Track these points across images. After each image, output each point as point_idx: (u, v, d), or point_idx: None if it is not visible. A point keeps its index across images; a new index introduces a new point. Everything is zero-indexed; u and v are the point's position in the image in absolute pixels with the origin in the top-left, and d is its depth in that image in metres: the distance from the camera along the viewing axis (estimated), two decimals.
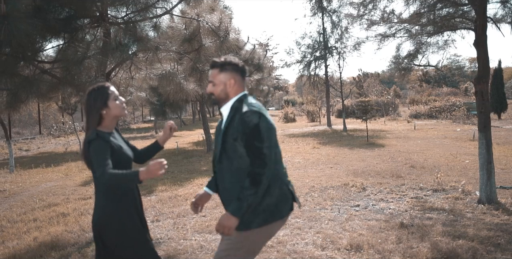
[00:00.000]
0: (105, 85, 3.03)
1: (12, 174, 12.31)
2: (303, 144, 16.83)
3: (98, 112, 2.94)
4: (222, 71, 2.85)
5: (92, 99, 2.97)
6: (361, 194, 7.55)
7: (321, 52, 27.15)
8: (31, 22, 5.86)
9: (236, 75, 2.87)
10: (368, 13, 7.31)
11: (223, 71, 2.85)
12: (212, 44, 7.78)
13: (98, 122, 2.96)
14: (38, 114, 26.94)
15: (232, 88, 2.85)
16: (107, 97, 2.97)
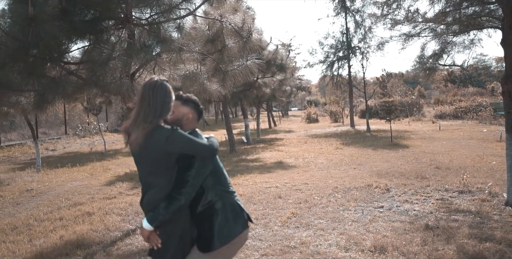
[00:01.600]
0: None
1: (39, 173, 12.53)
2: (326, 145, 16.74)
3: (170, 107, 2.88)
4: (183, 104, 3.00)
5: (169, 93, 2.90)
6: (385, 195, 7.47)
7: (344, 52, 27.00)
8: (58, 24, 5.97)
9: (194, 113, 3.03)
10: (392, 13, 7.23)
11: (184, 104, 3.00)
12: (235, 45, 7.79)
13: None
14: (64, 114, 27.38)
15: (187, 122, 2.98)
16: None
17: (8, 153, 18.65)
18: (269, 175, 10.04)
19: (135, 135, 2.71)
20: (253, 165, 12.36)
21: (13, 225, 6.59)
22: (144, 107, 2.77)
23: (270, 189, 8.25)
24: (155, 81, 2.84)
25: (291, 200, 7.27)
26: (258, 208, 6.85)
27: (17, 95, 7.20)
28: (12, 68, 6.21)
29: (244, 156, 14.81)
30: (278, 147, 16.99)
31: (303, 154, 14.18)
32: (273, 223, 5.97)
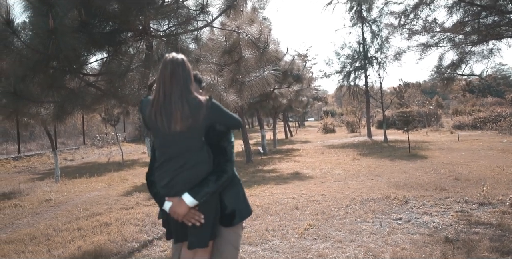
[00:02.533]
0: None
1: (58, 183, 12.65)
2: (343, 155, 16.65)
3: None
4: None
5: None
6: (404, 207, 7.37)
7: (361, 62, 26.94)
8: (77, 36, 6.06)
9: None
10: (410, 23, 7.20)
11: None
12: (252, 56, 7.83)
13: None
14: (82, 125, 27.70)
15: None
16: None
17: (27, 163, 18.89)
18: (285, 186, 10.00)
19: (180, 111, 2.68)
20: (269, 176, 12.33)
21: (32, 235, 6.65)
22: (178, 83, 2.75)
23: (287, 200, 8.21)
24: (180, 58, 2.83)
25: (308, 212, 7.21)
26: (275, 219, 6.82)
27: (37, 106, 7.30)
28: (33, 80, 6.31)
29: (261, 166, 14.79)
30: (295, 158, 16.93)
31: (320, 165, 14.11)
32: (290, 235, 5.93)
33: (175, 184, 2.75)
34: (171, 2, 6.80)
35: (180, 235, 2.89)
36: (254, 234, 5.98)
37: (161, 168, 2.79)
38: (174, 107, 2.68)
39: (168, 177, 2.75)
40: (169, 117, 2.69)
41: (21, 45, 5.96)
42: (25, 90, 6.50)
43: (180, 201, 2.71)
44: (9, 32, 5.81)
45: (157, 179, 2.82)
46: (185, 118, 2.67)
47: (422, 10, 6.87)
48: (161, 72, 2.77)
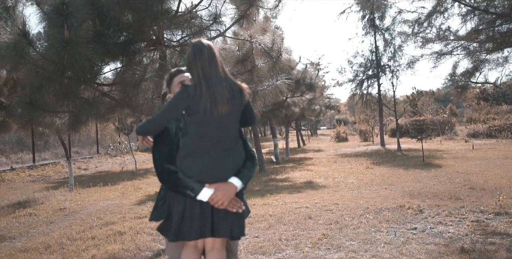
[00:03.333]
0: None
1: (72, 192, 12.74)
2: (356, 164, 16.56)
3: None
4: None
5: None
6: (418, 216, 7.29)
7: (374, 70, 26.87)
8: (92, 47, 6.13)
9: None
10: (423, 31, 7.18)
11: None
12: (265, 65, 7.85)
13: None
14: (96, 134, 27.92)
15: None
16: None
17: (42, 172, 19.05)
18: (298, 195, 9.96)
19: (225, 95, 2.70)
20: (282, 185, 12.30)
21: (47, 244, 6.68)
22: (217, 66, 2.76)
23: (300, 210, 8.17)
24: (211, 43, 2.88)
25: (322, 221, 7.17)
26: (288, 228, 6.79)
27: (52, 116, 7.37)
28: (48, 90, 6.39)
29: (274, 175, 14.76)
30: (308, 167, 16.89)
31: (333, 173, 14.05)
32: (304, 244, 5.90)
33: (220, 169, 2.73)
34: (185, 12, 6.87)
35: (206, 229, 2.76)
36: (267, 244, 5.95)
37: (200, 155, 2.73)
38: (218, 91, 2.68)
39: (212, 162, 2.71)
40: (213, 101, 2.67)
41: (37, 55, 6.04)
42: (41, 100, 6.58)
43: (229, 185, 2.69)
44: (25, 43, 5.90)
45: (191, 166, 2.73)
46: (230, 101, 2.70)
47: (436, 18, 6.85)
48: (197, 58, 2.76)
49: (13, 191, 13.51)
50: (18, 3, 9.13)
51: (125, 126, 19.87)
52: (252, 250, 5.77)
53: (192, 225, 2.72)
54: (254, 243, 6.03)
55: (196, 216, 2.73)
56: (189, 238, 2.77)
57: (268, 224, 7.02)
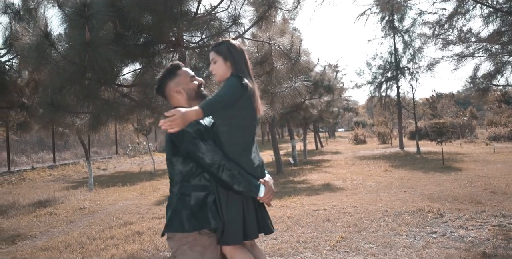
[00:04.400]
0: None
1: (91, 192, 12.87)
2: (374, 167, 16.43)
3: None
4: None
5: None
6: (438, 220, 7.20)
7: (393, 72, 26.63)
8: (112, 48, 6.19)
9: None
10: (444, 33, 7.09)
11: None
12: (283, 67, 7.83)
13: None
14: (115, 134, 28.18)
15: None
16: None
17: (62, 172, 19.28)
18: (316, 197, 9.92)
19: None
20: (300, 187, 12.26)
21: (67, 243, 6.76)
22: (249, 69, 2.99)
23: (318, 212, 8.14)
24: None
25: (340, 224, 7.13)
26: (307, 231, 6.76)
27: (72, 116, 7.46)
28: (69, 90, 6.46)
29: (291, 177, 14.73)
30: (326, 169, 16.81)
31: (351, 176, 13.96)
32: (322, 247, 5.86)
33: (263, 165, 2.91)
34: (204, 14, 6.89)
35: (259, 225, 2.81)
36: (285, 246, 5.93)
37: (250, 151, 2.81)
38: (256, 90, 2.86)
39: (259, 158, 2.86)
40: (258, 99, 2.86)
41: (58, 56, 6.11)
42: (62, 101, 6.66)
43: (270, 180, 2.84)
44: (47, 45, 5.97)
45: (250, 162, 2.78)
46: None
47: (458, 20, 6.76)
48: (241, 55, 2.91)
49: (34, 190, 13.70)
50: (40, 5, 9.25)
51: (144, 127, 20.00)
52: (270, 252, 5.76)
53: (253, 223, 2.76)
54: (272, 245, 6.02)
55: (252, 213, 2.77)
56: (254, 236, 2.81)
57: (286, 226, 7.00)
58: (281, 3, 7.38)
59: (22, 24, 8.39)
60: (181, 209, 2.66)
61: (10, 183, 15.47)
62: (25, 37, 6.45)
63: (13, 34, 8.68)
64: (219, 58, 2.92)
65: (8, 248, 6.77)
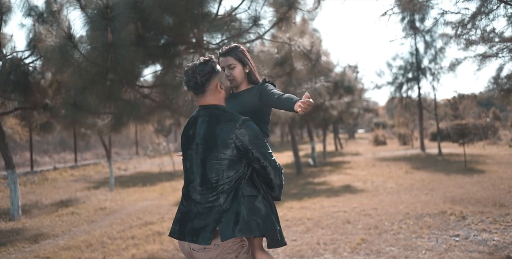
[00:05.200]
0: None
1: (112, 192, 13.00)
2: (395, 168, 16.27)
3: None
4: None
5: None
6: (461, 223, 7.09)
7: (414, 73, 26.34)
8: (134, 50, 6.25)
9: None
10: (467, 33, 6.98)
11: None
12: (304, 67, 7.82)
13: None
14: (135, 135, 28.43)
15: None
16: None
17: (83, 172, 19.52)
18: (336, 199, 9.86)
19: None
20: (320, 188, 12.21)
21: (88, 242, 6.84)
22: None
23: (338, 214, 8.09)
24: None
25: (360, 226, 7.07)
26: (327, 232, 6.72)
27: (94, 117, 7.56)
28: (91, 91, 6.55)
29: (311, 179, 14.67)
30: (345, 170, 16.71)
31: (371, 177, 13.85)
32: (342, 249, 5.82)
33: None
34: (224, 15, 6.91)
35: None
36: (305, 247, 5.91)
37: None
38: None
39: None
40: None
41: (81, 58, 6.20)
42: (84, 102, 6.75)
43: None
44: (70, 46, 6.06)
45: None
46: None
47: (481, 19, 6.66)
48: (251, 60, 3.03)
49: (56, 190, 13.89)
50: (63, 7, 9.39)
51: (164, 128, 20.14)
52: (290, 253, 5.75)
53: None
54: (292, 247, 6.00)
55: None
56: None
57: (306, 228, 6.98)
58: (301, 4, 7.37)
59: (46, 26, 8.52)
60: (249, 213, 2.58)
61: (33, 183, 15.71)
62: (48, 39, 6.56)
63: (36, 36, 8.82)
64: (238, 64, 2.93)
65: (31, 247, 6.87)
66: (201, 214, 2.57)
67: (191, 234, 2.57)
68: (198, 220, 2.57)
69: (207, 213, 2.56)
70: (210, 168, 2.56)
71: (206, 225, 2.54)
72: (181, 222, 2.66)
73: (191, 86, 2.66)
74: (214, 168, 2.55)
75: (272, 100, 2.84)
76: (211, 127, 2.59)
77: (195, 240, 2.55)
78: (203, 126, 2.62)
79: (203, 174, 2.57)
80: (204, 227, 2.54)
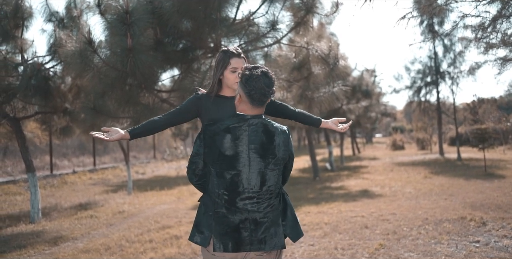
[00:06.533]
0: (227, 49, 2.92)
1: (130, 196, 13.09)
2: (413, 173, 16.11)
3: (216, 76, 2.90)
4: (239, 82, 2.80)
5: (216, 60, 2.93)
6: (481, 229, 6.99)
7: (433, 77, 26.10)
8: (153, 54, 6.30)
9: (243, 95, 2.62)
10: (487, 36, 6.90)
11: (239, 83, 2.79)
12: (321, 72, 7.80)
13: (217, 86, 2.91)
14: (153, 139, 28.61)
15: (238, 103, 2.64)
16: (226, 65, 2.87)
17: (102, 176, 19.70)
18: (354, 204, 9.79)
19: None
20: (337, 193, 12.14)
21: (107, 246, 6.89)
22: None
23: (356, 218, 8.03)
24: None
25: (378, 231, 7.01)
26: (344, 237, 6.68)
27: (113, 121, 7.63)
28: (111, 96, 6.62)
29: (328, 183, 14.60)
30: (363, 175, 16.59)
31: (389, 182, 13.73)
32: (360, 254, 5.78)
33: None
34: (242, 20, 6.94)
35: None
36: (323, 252, 5.88)
37: None
38: None
39: None
40: None
41: (100, 63, 6.27)
42: (103, 106, 6.83)
43: None
44: (90, 51, 6.14)
45: None
46: None
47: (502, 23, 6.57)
48: None
49: (75, 193, 14.04)
50: (83, 13, 9.52)
51: (181, 132, 20.25)
52: (307, 258, 5.72)
53: None
54: (310, 251, 5.97)
55: None
56: None
57: (323, 232, 6.94)
58: (318, 8, 7.37)
59: (66, 32, 8.65)
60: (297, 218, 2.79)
61: (53, 186, 15.90)
62: (68, 44, 6.66)
63: (57, 41, 8.94)
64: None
65: (51, 250, 6.95)
66: (261, 221, 2.58)
67: (256, 243, 2.56)
68: (260, 227, 2.57)
69: (269, 219, 2.60)
70: (269, 177, 2.57)
71: (273, 230, 2.61)
72: (233, 234, 2.55)
73: (271, 95, 2.61)
74: (273, 176, 2.59)
75: (290, 113, 3.11)
76: (269, 137, 2.57)
77: (263, 247, 2.56)
78: (259, 135, 2.56)
79: (262, 183, 2.55)
80: (272, 233, 2.60)
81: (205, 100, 2.88)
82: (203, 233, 2.60)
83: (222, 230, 2.56)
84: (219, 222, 2.57)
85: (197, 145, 2.61)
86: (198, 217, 2.68)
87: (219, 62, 2.88)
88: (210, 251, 2.58)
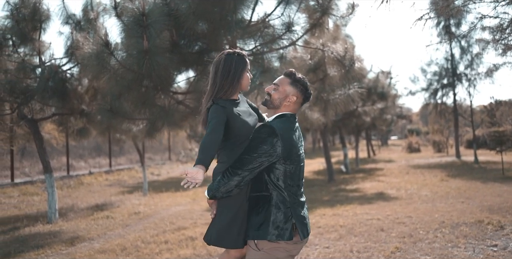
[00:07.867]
0: (243, 53, 2.97)
1: (146, 197, 13.17)
2: (429, 176, 15.97)
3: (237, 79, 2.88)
4: (291, 84, 2.86)
5: (231, 64, 2.88)
6: (499, 233, 6.89)
7: (449, 79, 25.84)
8: (169, 56, 6.33)
9: (300, 96, 2.89)
10: (506, 38, 6.81)
11: (292, 84, 2.86)
12: (337, 74, 7.77)
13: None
14: (168, 141, 28.75)
15: (288, 103, 2.86)
16: (245, 66, 2.92)
17: (118, 177, 19.84)
18: (369, 206, 9.73)
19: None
20: (352, 195, 12.08)
21: (123, 246, 6.93)
22: (210, 86, 2.93)
23: (371, 221, 7.98)
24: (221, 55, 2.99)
25: (394, 234, 6.95)
26: (360, 240, 6.64)
27: (129, 123, 7.68)
28: (127, 98, 6.67)
29: (343, 185, 14.53)
30: (378, 178, 16.49)
31: (405, 185, 13.62)
32: (376, 257, 5.74)
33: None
34: (258, 22, 6.94)
35: None
36: (338, 255, 5.85)
37: None
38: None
39: None
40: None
41: (117, 65, 6.32)
42: (120, 108, 6.87)
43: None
44: (107, 53, 6.19)
45: None
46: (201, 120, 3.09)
47: None
48: None
49: (91, 194, 14.16)
50: (100, 15, 9.61)
51: (197, 134, 20.33)
52: None
53: None
54: (325, 254, 5.94)
55: None
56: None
57: (338, 235, 6.90)
58: (334, 10, 7.34)
59: (83, 34, 8.73)
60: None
61: (69, 186, 16.05)
62: (85, 46, 6.72)
63: (74, 44, 9.03)
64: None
65: (68, 250, 7.02)
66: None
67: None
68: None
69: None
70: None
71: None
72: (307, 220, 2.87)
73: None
74: None
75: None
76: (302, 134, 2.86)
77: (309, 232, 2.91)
78: (301, 133, 2.97)
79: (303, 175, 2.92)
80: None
81: (229, 107, 2.85)
82: (282, 228, 2.71)
83: (305, 221, 2.83)
84: (302, 216, 2.81)
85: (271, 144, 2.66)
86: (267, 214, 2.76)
87: (238, 65, 2.87)
88: (290, 243, 2.72)
